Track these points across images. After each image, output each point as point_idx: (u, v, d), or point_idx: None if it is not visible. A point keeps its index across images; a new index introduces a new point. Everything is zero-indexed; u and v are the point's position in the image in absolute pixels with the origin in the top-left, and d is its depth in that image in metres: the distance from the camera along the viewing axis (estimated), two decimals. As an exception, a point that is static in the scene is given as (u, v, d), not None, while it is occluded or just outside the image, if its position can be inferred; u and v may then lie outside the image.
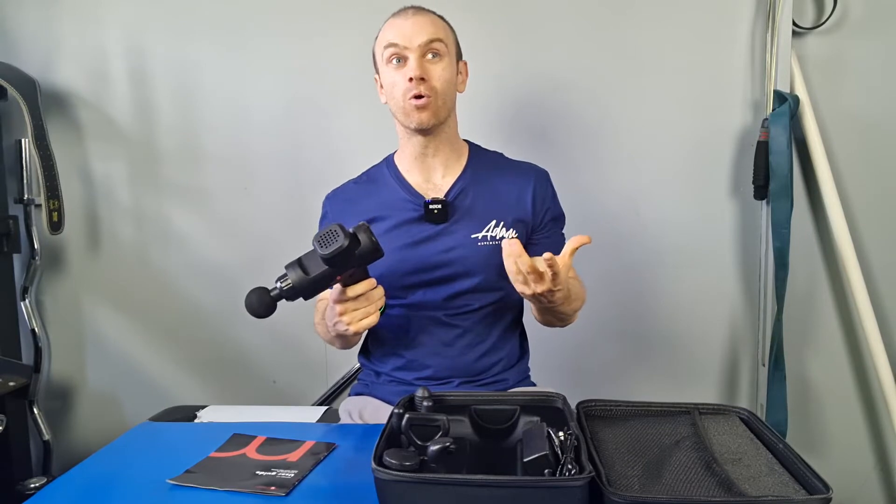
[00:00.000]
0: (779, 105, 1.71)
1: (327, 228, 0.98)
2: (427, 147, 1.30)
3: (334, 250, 0.97)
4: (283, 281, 1.01)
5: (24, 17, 1.88)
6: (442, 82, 1.24)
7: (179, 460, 0.95)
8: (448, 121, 1.30)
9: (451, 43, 1.28)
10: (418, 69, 1.21)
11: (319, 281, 1.01)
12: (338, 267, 1.01)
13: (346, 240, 0.97)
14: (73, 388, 2.00)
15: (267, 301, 1.02)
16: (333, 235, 0.98)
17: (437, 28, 1.25)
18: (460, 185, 1.32)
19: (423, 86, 1.22)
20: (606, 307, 1.84)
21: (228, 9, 1.84)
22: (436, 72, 1.23)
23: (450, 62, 1.26)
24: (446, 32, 1.27)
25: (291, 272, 1.01)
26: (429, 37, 1.23)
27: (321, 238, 0.98)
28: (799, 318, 1.82)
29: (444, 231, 1.28)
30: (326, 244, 0.97)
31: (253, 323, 1.88)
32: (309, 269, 1.01)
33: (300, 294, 1.02)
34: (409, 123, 1.26)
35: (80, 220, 1.93)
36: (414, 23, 1.24)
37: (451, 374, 1.29)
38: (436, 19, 1.27)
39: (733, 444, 0.89)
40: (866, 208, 1.78)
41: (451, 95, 1.28)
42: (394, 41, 1.23)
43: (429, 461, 0.79)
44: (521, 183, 1.34)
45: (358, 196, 1.35)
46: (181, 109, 1.89)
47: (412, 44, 1.22)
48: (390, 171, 1.36)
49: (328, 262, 0.99)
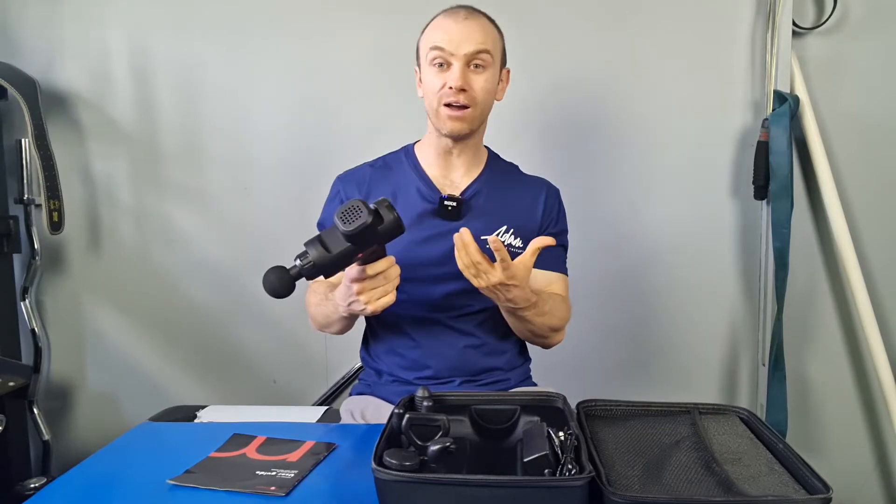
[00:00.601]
0: (779, 105, 1.71)
1: (349, 204, 0.95)
2: (454, 148, 1.30)
3: (358, 226, 0.94)
4: (303, 258, 0.98)
5: (24, 17, 1.88)
6: (483, 93, 1.22)
7: (179, 460, 0.94)
8: (482, 128, 1.30)
9: (498, 52, 1.26)
10: (460, 79, 1.19)
11: (341, 258, 0.98)
12: (360, 244, 0.98)
13: (369, 216, 0.94)
14: (72, 389, 2.00)
15: (286, 280, 0.98)
16: (356, 211, 0.94)
17: (486, 37, 1.22)
18: (476, 186, 1.32)
19: (462, 95, 1.20)
20: (607, 307, 1.84)
21: (230, 9, 1.84)
22: (478, 83, 1.22)
23: (493, 73, 1.24)
24: (494, 41, 1.24)
25: (312, 249, 0.98)
26: (476, 47, 1.20)
27: (344, 214, 0.94)
28: (799, 318, 1.82)
29: (455, 229, 1.27)
30: (350, 220, 0.94)
31: (253, 323, 1.92)
32: (330, 247, 0.97)
33: (321, 272, 0.99)
34: (441, 128, 1.25)
35: (81, 220, 1.93)
36: (464, 28, 1.20)
37: (452, 374, 1.29)
38: (487, 26, 1.24)
39: (733, 443, 0.89)
40: (866, 208, 1.78)
41: (488, 106, 1.27)
42: (440, 45, 1.20)
43: (429, 461, 0.79)
44: (533, 195, 1.34)
45: (372, 180, 1.34)
46: (182, 109, 1.89)
47: (458, 51, 1.20)
48: (409, 161, 1.35)
49: (350, 238, 0.96)
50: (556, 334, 1.30)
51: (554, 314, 1.25)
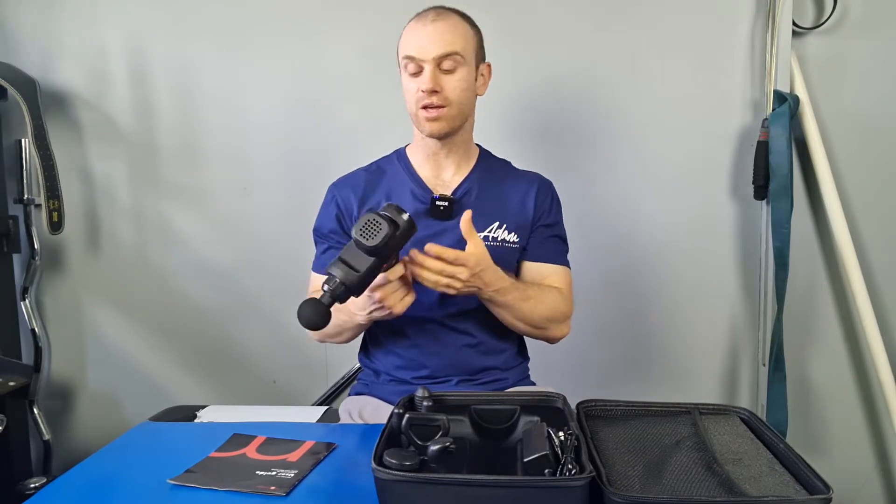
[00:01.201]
0: (779, 105, 1.71)
1: (365, 219, 0.94)
2: (441, 149, 1.31)
3: (383, 238, 0.93)
4: (331, 283, 0.96)
5: (23, 17, 1.88)
6: (457, 93, 1.23)
7: (179, 460, 0.94)
8: (465, 125, 1.30)
9: (472, 49, 1.26)
10: (430, 82, 1.20)
11: (369, 274, 0.98)
12: (384, 255, 0.98)
13: (389, 226, 0.94)
14: (73, 388, 2.00)
15: (322, 309, 0.97)
16: (376, 224, 0.94)
17: (455, 37, 1.22)
18: (468, 184, 1.32)
19: (435, 97, 1.21)
20: (607, 307, 1.84)
21: (228, 9, 1.84)
22: (450, 83, 1.22)
23: (467, 71, 1.24)
24: (466, 40, 1.24)
25: (338, 272, 0.96)
26: (444, 50, 1.20)
27: (363, 230, 0.94)
28: (799, 317, 1.82)
29: (449, 228, 1.28)
30: (372, 235, 0.94)
31: (253, 323, 1.92)
32: (355, 265, 0.96)
33: (351, 292, 0.98)
34: (421, 130, 1.27)
35: (80, 220, 1.93)
36: (432, 31, 1.21)
37: (449, 374, 1.29)
38: (456, 25, 1.24)
39: (734, 444, 0.89)
40: (866, 208, 1.78)
41: (467, 103, 1.27)
42: (410, 53, 1.22)
43: (429, 461, 0.79)
44: (525, 189, 1.34)
45: (366, 184, 1.35)
46: (181, 109, 1.89)
47: (427, 56, 1.20)
48: (401, 163, 1.36)
49: (375, 252, 0.95)
50: (554, 325, 1.29)
51: (544, 301, 1.25)
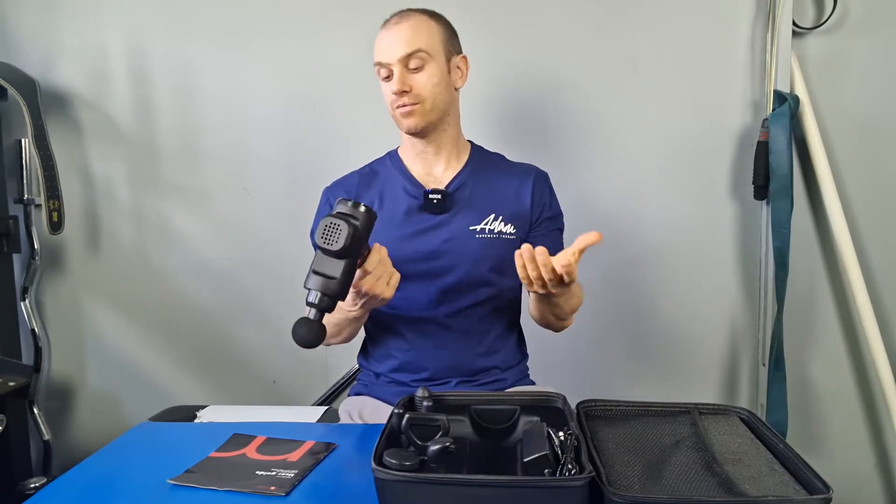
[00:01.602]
0: (779, 105, 1.71)
1: (323, 225, 0.94)
2: (427, 146, 1.32)
3: (346, 239, 0.93)
4: (313, 297, 0.96)
5: (24, 17, 1.87)
6: (427, 89, 1.24)
7: (179, 460, 0.95)
8: (447, 119, 1.30)
9: (438, 44, 1.26)
10: (398, 83, 1.23)
11: (347, 276, 0.98)
12: (354, 253, 0.98)
13: (349, 225, 0.94)
14: (72, 388, 2.00)
15: (315, 327, 0.97)
16: (335, 228, 0.93)
17: (417, 35, 1.23)
18: (461, 178, 1.33)
19: (406, 97, 1.24)
20: (606, 307, 1.84)
21: (228, 9, 1.84)
22: (419, 80, 1.24)
23: (436, 66, 1.25)
24: (430, 36, 1.25)
25: (316, 284, 0.96)
26: (407, 50, 1.22)
27: (326, 236, 0.93)
28: (799, 317, 1.82)
29: (444, 222, 1.29)
30: (335, 239, 0.93)
31: (253, 323, 1.92)
32: (330, 272, 0.96)
33: (336, 299, 0.98)
34: (401, 128, 1.29)
35: (80, 220, 1.93)
36: (394, 34, 1.24)
37: (448, 374, 1.30)
38: (419, 23, 1.25)
39: (733, 444, 0.89)
40: (866, 208, 1.78)
41: (441, 97, 1.27)
42: (378, 59, 1.25)
43: (429, 461, 0.79)
44: (521, 180, 1.35)
45: (360, 186, 1.36)
46: (181, 109, 1.88)
47: (392, 58, 1.23)
48: (393, 163, 1.37)
49: (344, 254, 0.95)
50: (572, 316, 1.30)
51: (578, 296, 1.25)
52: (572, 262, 1.00)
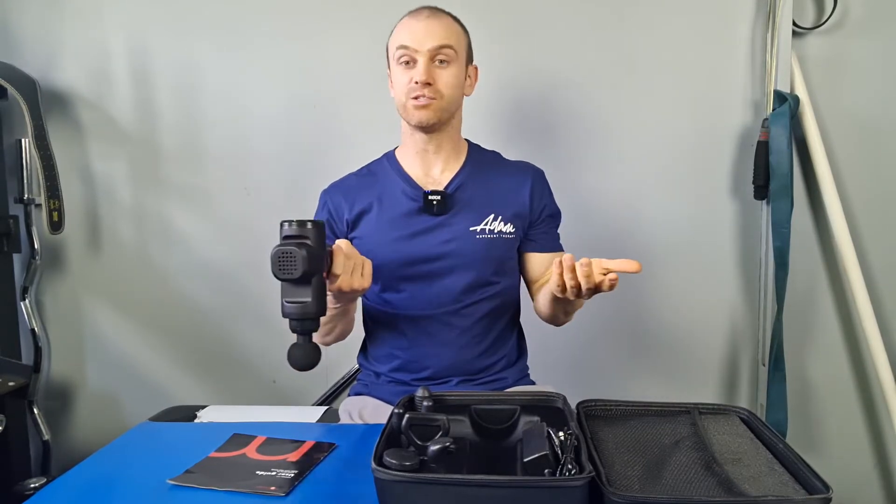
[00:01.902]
0: (779, 105, 1.71)
1: (276, 256, 0.91)
2: (429, 144, 1.31)
3: (303, 264, 0.91)
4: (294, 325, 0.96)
5: (24, 17, 1.87)
6: (449, 88, 1.25)
7: (179, 460, 0.95)
8: (452, 121, 1.31)
9: (463, 48, 1.28)
10: (424, 74, 1.22)
11: (319, 292, 0.96)
12: (317, 270, 0.96)
13: (301, 249, 0.91)
14: (72, 388, 2.00)
15: (309, 349, 0.98)
16: (289, 256, 0.91)
17: (449, 33, 1.25)
18: (459, 179, 1.33)
19: (427, 90, 1.23)
20: (606, 306, 1.83)
21: (229, 8, 1.84)
22: (443, 77, 1.24)
23: (458, 68, 1.27)
24: (458, 38, 1.27)
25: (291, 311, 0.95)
26: (439, 42, 1.23)
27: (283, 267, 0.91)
28: (799, 317, 1.82)
29: (443, 223, 1.29)
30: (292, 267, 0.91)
31: (253, 322, 1.92)
32: (301, 298, 0.95)
33: (318, 315, 0.97)
34: (409, 120, 1.28)
35: (81, 219, 1.93)
36: (427, 26, 1.24)
37: (449, 374, 1.30)
38: (450, 24, 1.27)
39: (733, 443, 0.89)
40: (866, 208, 1.78)
41: (456, 99, 1.28)
42: (405, 43, 1.24)
43: (429, 461, 0.79)
44: (519, 179, 1.35)
45: (357, 188, 1.36)
46: (182, 109, 1.88)
47: (422, 47, 1.23)
48: (391, 164, 1.37)
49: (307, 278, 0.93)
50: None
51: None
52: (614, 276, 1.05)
